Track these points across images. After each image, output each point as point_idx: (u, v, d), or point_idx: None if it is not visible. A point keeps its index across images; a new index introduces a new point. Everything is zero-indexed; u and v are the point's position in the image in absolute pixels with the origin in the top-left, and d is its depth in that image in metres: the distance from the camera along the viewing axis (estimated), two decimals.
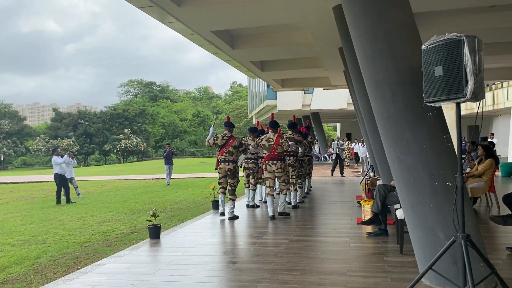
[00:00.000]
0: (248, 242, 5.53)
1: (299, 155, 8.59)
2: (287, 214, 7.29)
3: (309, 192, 10.37)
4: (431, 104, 3.06)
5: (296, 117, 10.54)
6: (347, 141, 22.53)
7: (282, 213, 7.19)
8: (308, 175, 9.84)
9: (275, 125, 7.29)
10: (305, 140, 9.03)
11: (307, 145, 9.23)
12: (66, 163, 12.51)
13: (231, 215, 7.07)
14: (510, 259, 4.37)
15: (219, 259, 4.77)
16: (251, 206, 8.23)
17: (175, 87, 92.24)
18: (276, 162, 7.08)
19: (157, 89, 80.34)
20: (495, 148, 11.65)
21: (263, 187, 8.83)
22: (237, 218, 7.09)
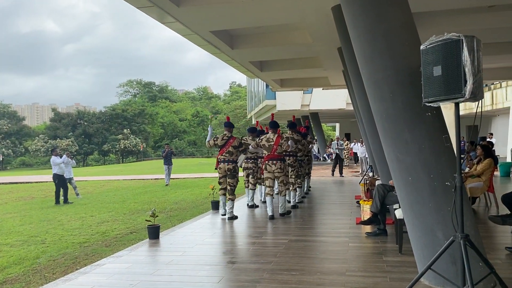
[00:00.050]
0: (247, 242, 5.53)
1: (298, 155, 8.60)
2: (288, 213, 7.32)
3: (308, 192, 10.37)
4: (430, 104, 3.07)
5: (295, 117, 10.52)
6: (346, 141, 22.53)
7: (284, 214, 7.21)
8: (307, 175, 9.85)
9: (275, 125, 7.30)
10: (304, 140, 9.04)
11: (306, 144, 9.25)
12: (65, 163, 12.50)
13: (230, 215, 7.07)
14: (509, 259, 4.38)
15: (219, 259, 4.77)
16: (250, 206, 8.24)
17: (174, 87, 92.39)
18: (276, 162, 7.10)
19: (156, 89, 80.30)
20: (494, 148, 11.66)
21: (262, 187, 8.84)
22: (236, 218, 7.10)
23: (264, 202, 8.59)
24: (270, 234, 5.96)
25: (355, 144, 20.71)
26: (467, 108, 22.68)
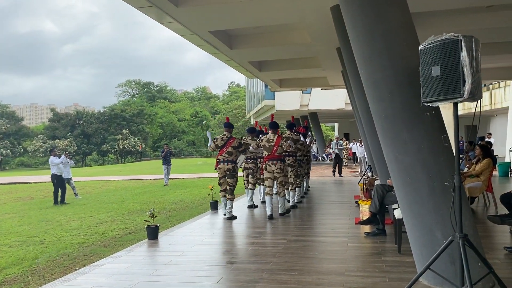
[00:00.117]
0: (247, 242, 5.53)
1: (298, 155, 8.61)
2: (288, 212, 7.34)
3: (307, 192, 10.38)
4: (428, 104, 3.07)
5: (294, 117, 10.52)
6: (345, 141, 22.54)
7: (283, 213, 7.23)
8: (306, 174, 9.85)
9: (275, 126, 7.32)
10: (303, 140, 9.05)
11: (306, 144, 9.26)
12: (64, 163, 12.48)
13: (229, 215, 7.07)
14: (508, 259, 4.39)
15: (218, 259, 4.77)
16: (249, 206, 8.25)
17: (173, 87, 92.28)
18: (276, 162, 7.11)
19: (155, 89, 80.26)
20: (492, 148, 11.67)
21: (262, 187, 8.85)
22: (235, 218, 7.10)
23: (264, 202, 8.59)
24: (269, 234, 5.96)
25: (354, 144, 20.73)
26: (466, 108, 22.72)
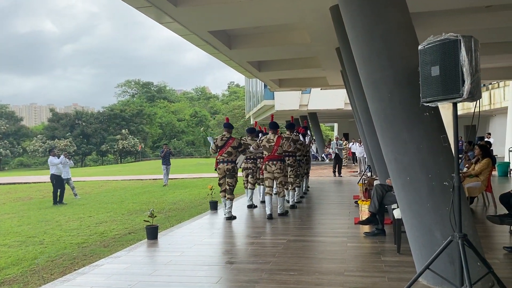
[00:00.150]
0: (246, 242, 5.53)
1: (297, 155, 8.61)
2: (286, 213, 7.34)
3: (306, 192, 10.39)
4: (428, 104, 3.07)
5: (293, 117, 10.52)
6: (345, 141, 22.55)
7: (282, 213, 7.23)
8: (305, 174, 9.86)
9: (275, 126, 7.33)
10: (302, 140, 9.06)
11: (305, 144, 9.26)
12: (63, 163, 12.48)
13: (229, 215, 7.07)
14: (507, 259, 4.39)
15: (217, 259, 4.77)
16: (249, 206, 8.25)
17: (173, 88, 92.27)
18: (276, 162, 7.12)
19: (155, 89, 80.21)
20: (492, 148, 11.68)
21: (261, 187, 8.85)
22: (234, 218, 7.10)
23: (263, 202, 8.59)
24: (269, 234, 5.96)
25: (353, 144, 20.73)
26: (465, 108, 22.74)
